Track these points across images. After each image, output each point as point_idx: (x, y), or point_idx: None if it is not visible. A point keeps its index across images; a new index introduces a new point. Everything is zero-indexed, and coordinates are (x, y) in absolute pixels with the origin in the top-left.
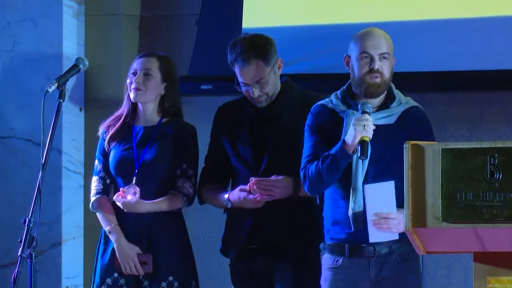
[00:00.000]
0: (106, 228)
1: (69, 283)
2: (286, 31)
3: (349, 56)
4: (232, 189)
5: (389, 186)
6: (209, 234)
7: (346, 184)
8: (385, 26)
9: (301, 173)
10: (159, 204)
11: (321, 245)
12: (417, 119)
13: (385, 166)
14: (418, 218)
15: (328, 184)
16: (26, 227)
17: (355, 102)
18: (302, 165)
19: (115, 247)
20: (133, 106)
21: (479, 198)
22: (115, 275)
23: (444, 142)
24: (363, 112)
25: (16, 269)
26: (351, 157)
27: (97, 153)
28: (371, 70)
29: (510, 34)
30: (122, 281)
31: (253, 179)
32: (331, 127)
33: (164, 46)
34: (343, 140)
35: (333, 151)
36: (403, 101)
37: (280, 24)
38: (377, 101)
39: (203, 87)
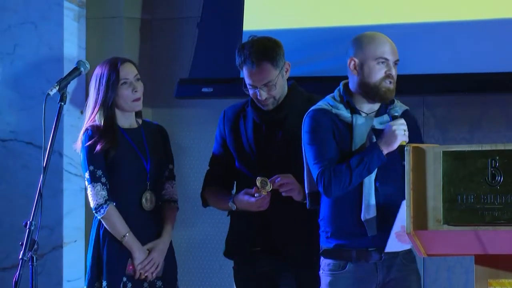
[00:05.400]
0: (121, 234)
1: (70, 286)
2: (287, 33)
3: (358, 60)
4: (236, 192)
5: None
6: (211, 237)
7: (352, 190)
8: (386, 28)
9: (323, 176)
10: (170, 229)
11: (323, 251)
12: (412, 122)
13: (387, 170)
14: (419, 221)
15: (351, 187)
16: (27, 230)
17: (358, 106)
18: (321, 167)
19: (133, 254)
20: (111, 113)
21: (480, 201)
22: (124, 279)
23: (445, 144)
24: (394, 117)
25: (17, 272)
26: (384, 161)
27: (91, 159)
28: (388, 76)
29: (510, 36)
30: (129, 285)
31: (259, 178)
32: (338, 131)
33: (165, 48)
34: (378, 144)
35: (366, 154)
36: (398, 105)
37: (280, 26)
38: (376, 105)
39: (204, 89)
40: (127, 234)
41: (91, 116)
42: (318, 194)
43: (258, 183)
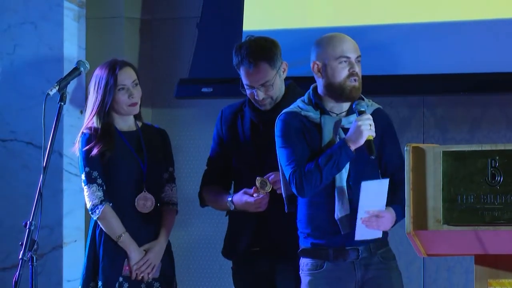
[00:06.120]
0: (117, 234)
1: (70, 286)
2: (287, 33)
3: (320, 62)
4: (234, 191)
5: (384, 184)
6: (211, 237)
7: (326, 189)
8: (387, 28)
9: (294, 176)
10: (167, 231)
11: (301, 250)
12: (385, 121)
13: (362, 168)
14: (419, 221)
15: (323, 185)
16: (27, 230)
17: (326, 107)
18: (292, 168)
19: (129, 254)
20: (108, 116)
21: (480, 201)
22: (120, 279)
23: (445, 144)
24: (360, 112)
25: (17, 272)
26: (353, 157)
27: (88, 161)
28: (352, 74)
29: (510, 36)
30: (125, 286)
31: (259, 178)
32: (308, 133)
33: (165, 48)
34: (345, 140)
35: (334, 151)
36: (369, 103)
37: (280, 26)
38: (345, 105)
39: (203, 89)
40: (123, 234)
41: (89, 118)
42: (295, 197)
43: (257, 183)
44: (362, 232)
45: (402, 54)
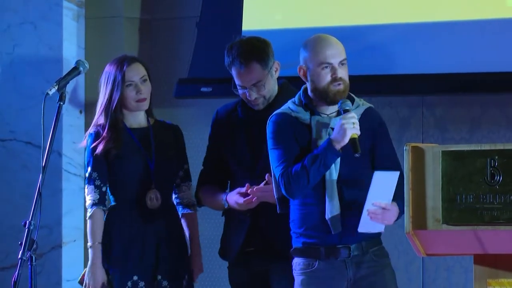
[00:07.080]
0: (89, 243)
1: (70, 286)
2: (286, 33)
3: (306, 67)
4: (230, 191)
5: (394, 176)
6: (209, 237)
7: (318, 189)
8: (386, 28)
9: (283, 178)
10: (198, 238)
11: (293, 250)
12: (377, 120)
13: (355, 168)
14: (419, 221)
15: (311, 185)
16: (27, 229)
17: (316, 109)
18: (281, 170)
19: (89, 265)
20: (116, 113)
21: (479, 201)
22: (135, 278)
23: (444, 144)
24: (345, 111)
25: (17, 272)
26: (339, 156)
27: (90, 161)
28: (334, 79)
29: (509, 36)
30: (141, 284)
31: (254, 186)
32: (298, 134)
33: (164, 48)
34: (331, 139)
35: (320, 151)
36: (360, 103)
37: (279, 26)
38: (336, 106)
39: (203, 89)
40: (97, 243)
41: (98, 115)
42: (287, 198)
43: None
44: (366, 225)
45: (401, 54)
